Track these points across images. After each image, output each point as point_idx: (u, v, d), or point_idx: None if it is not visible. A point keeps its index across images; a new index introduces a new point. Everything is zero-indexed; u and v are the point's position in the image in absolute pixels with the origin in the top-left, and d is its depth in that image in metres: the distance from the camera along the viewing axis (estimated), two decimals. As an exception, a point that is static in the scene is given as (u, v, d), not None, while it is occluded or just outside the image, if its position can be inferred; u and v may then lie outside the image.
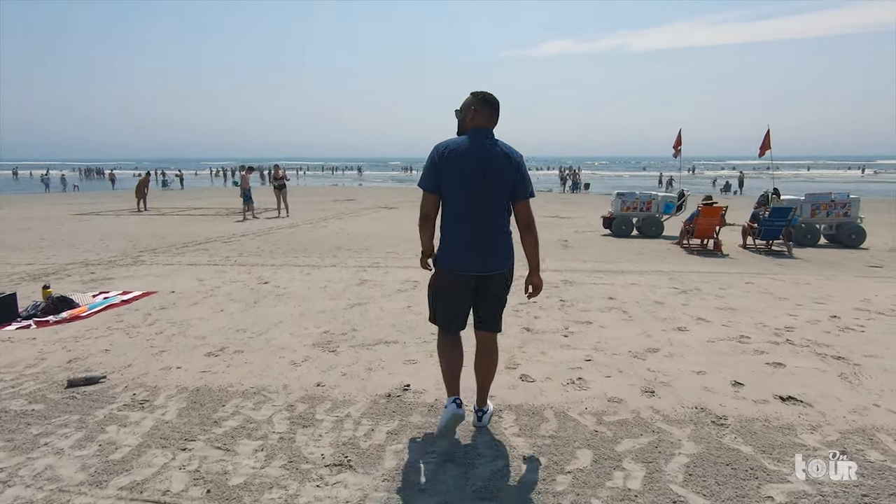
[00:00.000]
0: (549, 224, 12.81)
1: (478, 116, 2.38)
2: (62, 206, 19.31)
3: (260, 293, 5.60)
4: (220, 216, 14.99)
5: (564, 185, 34.96)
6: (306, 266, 7.21)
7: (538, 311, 4.88)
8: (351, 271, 6.84)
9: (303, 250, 8.68)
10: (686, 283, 6.10)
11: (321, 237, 10.35)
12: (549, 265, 7.26)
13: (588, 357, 3.62)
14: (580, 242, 9.72)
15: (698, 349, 3.79)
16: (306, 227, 12.12)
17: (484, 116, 2.38)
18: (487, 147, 2.33)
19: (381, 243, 9.46)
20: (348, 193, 27.08)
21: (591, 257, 8.07)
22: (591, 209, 18.24)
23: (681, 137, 11.51)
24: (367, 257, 7.96)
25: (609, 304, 5.11)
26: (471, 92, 2.44)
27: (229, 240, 9.99)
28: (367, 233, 11.10)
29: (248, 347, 3.84)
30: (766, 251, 8.75)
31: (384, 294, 5.55)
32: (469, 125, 2.39)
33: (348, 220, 13.90)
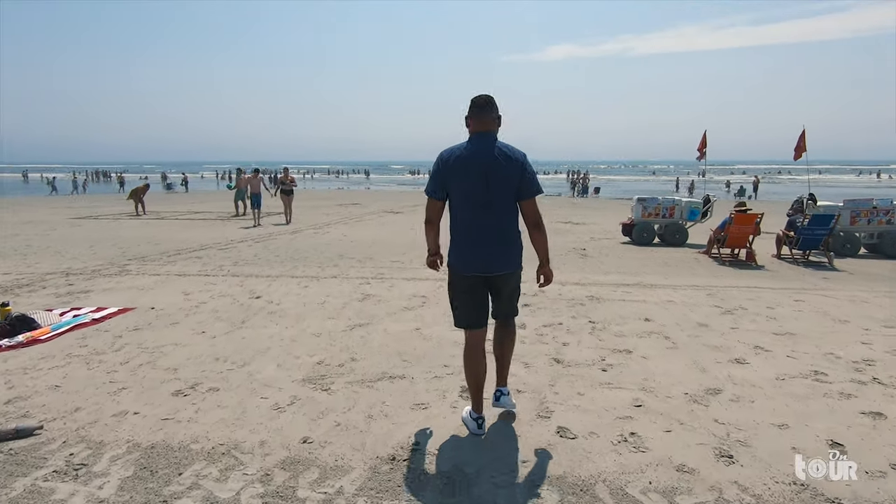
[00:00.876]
0: (562, 230, 12.14)
1: (473, 121, 2.44)
2: (62, 209, 18.87)
3: (250, 310, 4.99)
4: (221, 221, 14.44)
5: (574, 190, 34.18)
6: (304, 278, 6.59)
7: (566, 334, 4.23)
8: (353, 284, 6.22)
9: (302, 259, 8.08)
10: (728, 301, 5.42)
11: (323, 244, 9.74)
12: (570, 278, 6.61)
13: (637, 401, 2.97)
14: (599, 251, 9.05)
15: (769, 390, 3.12)
16: (308, 233, 11.53)
17: (478, 119, 2.42)
18: (488, 150, 2.37)
19: (386, 251, 8.84)
20: (354, 197, 26.53)
21: (614, 268, 7.41)
22: (603, 214, 17.56)
23: (706, 139, 10.82)
24: (371, 267, 7.34)
25: (647, 328, 4.44)
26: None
27: (226, 247, 9.41)
28: (372, 239, 10.49)
29: (225, 384, 3.22)
30: (803, 262, 8.04)
31: (389, 312, 4.92)
32: (472, 130, 2.45)
33: (352, 225, 13.30)
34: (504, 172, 2.35)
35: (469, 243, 2.43)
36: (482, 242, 2.41)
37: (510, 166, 2.36)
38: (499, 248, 2.43)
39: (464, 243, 2.44)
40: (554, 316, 4.82)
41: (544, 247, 2.52)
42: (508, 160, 2.37)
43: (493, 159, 2.35)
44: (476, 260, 2.43)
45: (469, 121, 2.46)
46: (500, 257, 2.44)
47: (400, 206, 20.27)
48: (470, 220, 2.41)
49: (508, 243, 2.46)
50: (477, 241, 2.41)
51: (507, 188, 2.38)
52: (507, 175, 2.36)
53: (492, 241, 2.41)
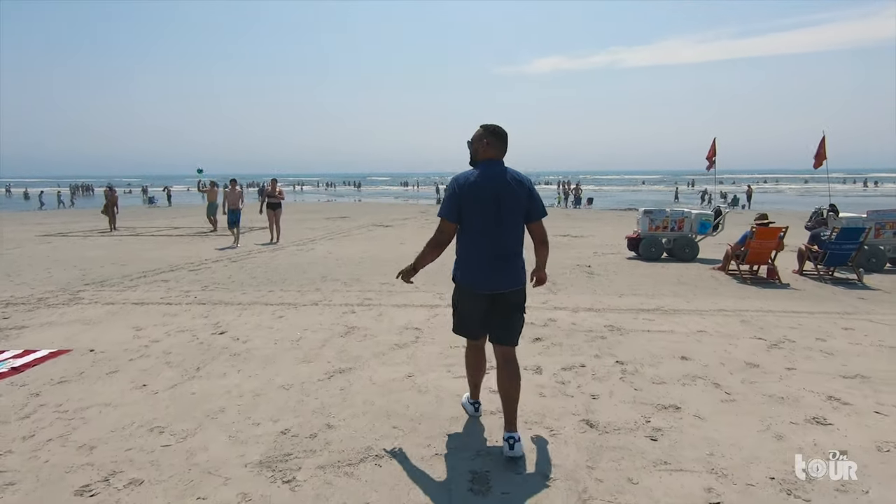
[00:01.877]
0: (562, 244, 11.43)
1: (489, 149, 2.54)
2: (34, 225, 17.87)
3: (210, 351, 4.17)
4: (199, 237, 13.55)
5: (567, 200, 33.64)
6: (281, 305, 5.78)
7: (592, 381, 3.47)
8: (335, 313, 5.41)
9: (281, 281, 7.26)
10: (769, 331, 4.70)
11: (306, 263, 8.92)
12: (580, 302, 5.87)
13: (711, 491, 2.20)
14: (606, 268, 8.34)
15: (874, 469, 2.37)
16: (291, 250, 10.71)
17: (495, 148, 2.55)
18: (500, 176, 2.50)
19: (374, 270, 8.05)
20: (343, 210, 25.72)
21: (627, 289, 6.68)
22: (601, 226, 16.94)
23: (715, 147, 10.21)
24: (358, 291, 6.54)
25: (687, 369, 3.69)
26: (481, 125, 2.59)
27: (198, 267, 8.56)
28: (360, 256, 9.69)
29: (153, 472, 2.40)
30: (829, 279, 7.39)
31: (376, 352, 4.12)
32: (482, 156, 2.55)
33: (339, 241, 12.49)
34: (515, 196, 2.49)
35: (479, 263, 2.52)
36: (491, 262, 2.51)
37: (521, 191, 2.50)
38: (506, 268, 2.53)
39: (474, 262, 2.53)
40: (573, 354, 4.06)
41: (546, 258, 2.72)
42: (520, 185, 2.51)
43: (505, 184, 2.48)
44: (485, 279, 2.52)
45: (482, 146, 2.55)
46: (508, 275, 2.54)
47: (390, 219, 19.51)
48: (480, 241, 2.50)
49: (515, 262, 2.57)
50: (487, 260, 2.51)
51: (517, 211, 2.51)
52: (518, 199, 2.50)
53: (500, 260, 2.51)
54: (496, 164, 2.54)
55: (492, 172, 2.50)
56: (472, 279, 2.54)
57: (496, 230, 2.48)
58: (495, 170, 2.52)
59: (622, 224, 17.46)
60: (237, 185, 12.38)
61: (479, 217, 2.47)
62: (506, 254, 2.51)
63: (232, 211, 11.86)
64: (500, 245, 2.50)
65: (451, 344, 4.23)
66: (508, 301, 2.57)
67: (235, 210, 11.86)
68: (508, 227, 2.50)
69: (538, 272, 2.72)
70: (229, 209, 11.92)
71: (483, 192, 2.46)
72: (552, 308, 5.60)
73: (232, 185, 12.32)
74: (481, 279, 2.52)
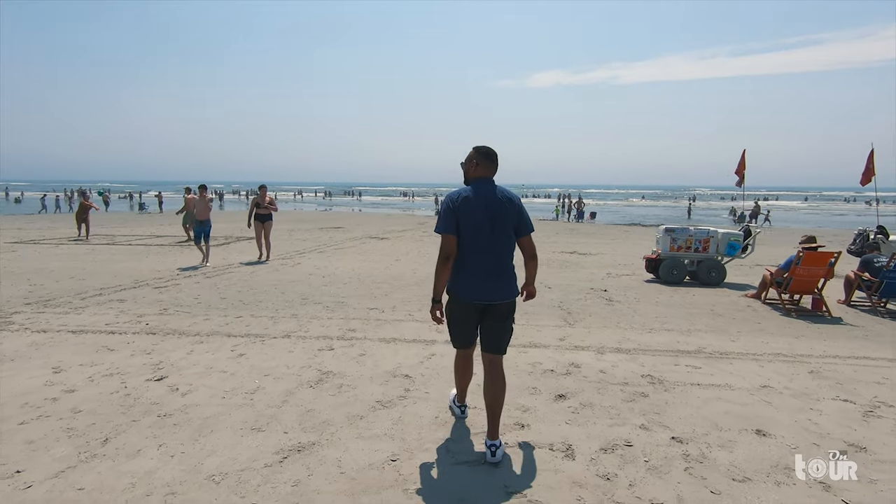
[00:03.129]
0: (570, 263, 10.47)
1: (479, 168, 2.73)
2: (12, 230, 16.85)
3: (133, 410, 3.17)
4: (181, 247, 12.56)
5: (569, 215, 32.69)
6: (246, 338, 4.79)
7: (645, 472, 2.48)
8: (309, 349, 4.43)
9: (255, 303, 6.28)
10: (851, 388, 3.73)
11: (287, 281, 7.94)
12: (605, 339, 4.90)
13: None
14: (625, 293, 7.37)
15: None
16: (274, 265, 9.73)
17: (484, 168, 2.73)
18: (492, 194, 2.66)
19: (362, 292, 7.08)
20: (338, 220, 24.77)
21: (655, 321, 5.72)
22: (608, 242, 16.00)
23: (745, 160, 9.30)
24: (340, 319, 5.56)
25: (771, 454, 2.71)
26: (473, 146, 2.79)
27: (166, 283, 7.57)
28: (348, 274, 8.72)
29: None
30: (883, 311, 6.43)
31: (352, 415, 3.14)
32: (473, 175, 2.74)
33: (330, 254, 11.51)
34: (506, 213, 2.65)
35: (472, 275, 2.64)
36: (484, 275, 2.64)
37: (510, 208, 2.67)
38: (499, 280, 2.67)
39: (467, 275, 2.65)
40: (611, 421, 3.08)
41: (535, 272, 2.82)
42: (509, 202, 2.68)
43: (496, 201, 2.65)
44: (478, 291, 2.65)
45: (472, 166, 2.73)
46: (500, 288, 2.67)
47: (386, 230, 18.56)
48: (473, 255, 2.63)
49: (506, 275, 2.69)
50: (480, 273, 2.64)
51: (508, 226, 2.67)
52: (509, 215, 2.66)
53: (493, 273, 2.65)
54: (487, 182, 2.70)
55: (483, 190, 2.66)
56: (465, 291, 2.66)
57: (488, 245, 2.62)
58: (487, 188, 2.67)
59: (630, 240, 16.54)
60: (206, 192, 10.05)
61: (472, 232, 2.61)
62: (497, 267, 2.66)
63: (199, 223, 9.64)
64: (492, 259, 2.64)
65: (449, 401, 3.26)
66: (499, 312, 2.70)
67: (204, 221, 9.65)
68: (500, 242, 2.65)
69: (528, 286, 2.85)
70: (196, 220, 9.73)
71: (475, 209, 2.61)
72: (573, 348, 4.63)
73: (201, 191, 10.01)
74: (474, 291, 2.65)
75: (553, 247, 13.89)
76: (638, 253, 12.76)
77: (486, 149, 2.74)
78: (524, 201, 3.08)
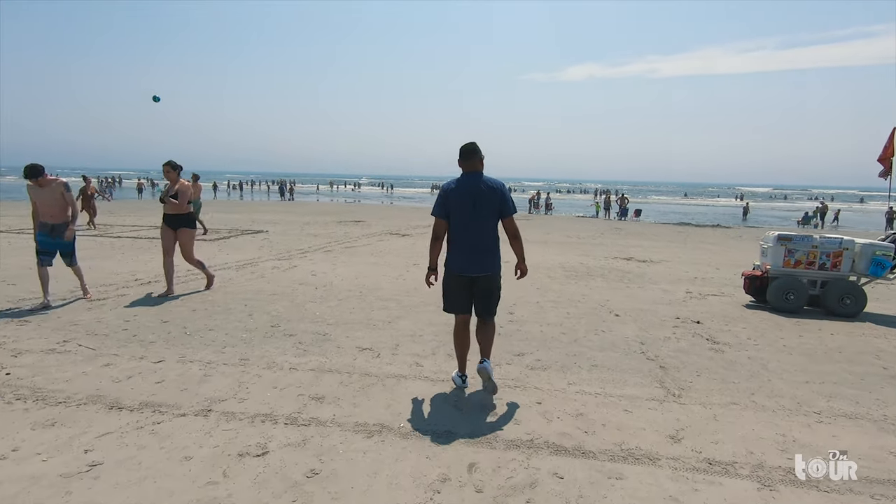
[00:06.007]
0: (633, 274, 8.21)
1: (463, 163, 3.27)
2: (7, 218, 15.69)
3: None
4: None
5: (609, 212, 29.96)
6: (136, 412, 2.88)
7: None
8: (220, 456, 2.46)
9: (200, 333, 4.40)
10: None
11: (268, 293, 6.06)
12: (750, 435, 2.75)
13: None
14: (729, 330, 5.14)
15: None
16: (266, 266, 7.91)
17: (466, 162, 3.26)
18: (475, 184, 3.21)
19: (358, 316, 5.12)
20: (360, 213, 23.01)
21: (810, 391, 3.52)
22: (667, 244, 13.58)
23: (894, 142, 6.84)
24: (309, 370, 3.60)
25: None
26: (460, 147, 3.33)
27: (103, 296, 5.81)
28: (349, 284, 6.78)
29: None
30: None
31: None
32: (463, 169, 3.28)
33: (337, 255, 9.61)
34: (487, 199, 3.18)
35: (462, 251, 3.23)
36: (471, 251, 3.21)
37: (492, 194, 3.20)
38: (483, 255, 3.23)
39: (458, 251, 3.23)
40: None
41: (521, 251, 3.31)
42: (491, 190, 3.20)
43: (479, 190, 3.19)
44: (466, 264, 3.22)
45: (459, 163, 3.28)
46: (485, 262, 3.23)
47: (409, 225, 16.62)
48: (462, 235, 3.21)
49: (490, 252, 3.25)
50: (467, 249, 3.21)
51: (491, 210, 3.20)
52: (490, 201, 3.19)
53: (478, 250, 3.21)
54: (473, 175, 3.25)
55: (468, 181, 3.22)
56: (454, 265, 3.25)
57: (472, 225, 3.18)
58: (471, 179, 3.22)
59: (690, 244, 14.08)
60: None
61: (458, 215, 3.19)
62: (480, 245, 3.21)
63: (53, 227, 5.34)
64: (475, 238, 3.20)
65: None
66: (485, 283, 3.27)
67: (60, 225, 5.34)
68: (484, 224, 3.19)
69: (520, 265, 3.34)
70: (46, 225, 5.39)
71: (461, 196, 3.18)
72: (704, 465, 2.51)
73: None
74: (462, 264, 3.22)
75: (603, 250, 11.62)
76: (709, 261, 10.39)
77: (466, 146, 3.27)
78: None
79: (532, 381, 3.57)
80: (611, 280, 7.74)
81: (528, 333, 4.75)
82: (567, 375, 3.71)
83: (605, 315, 5.55)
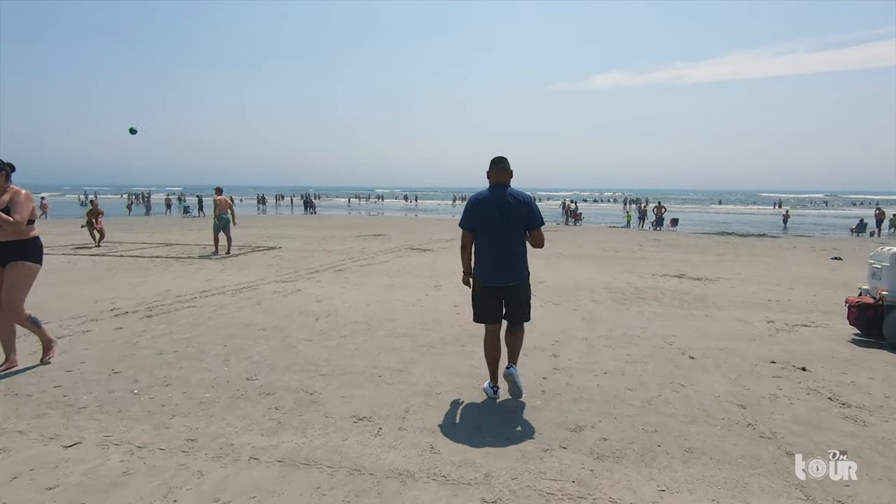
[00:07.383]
0: (694, 298, 6.90)
1: (492, 175, 3.33)
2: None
3: None
4: (180, 261, 10.10)
5: (642, 222, 28.33)
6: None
7: None
8: None
9: (152, 390, 3.37)
10: None
11: (257, 327, 5.03)
12: None
13: None
14: (847, 380, 3.85)
15: None
16: (266, 290, 6.94)
17: (496, 174, 3.31)
18: (502, 196, 3.25)
19: (363, 360, 4.02)
20: (382, 226, 22.10)
21: None
22: (718, 258, 12.11)
23: None
24: (285, 453, 2.49)
25: None
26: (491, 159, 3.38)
27: (71, 331, 4.88)
28: (358, 313, 5.71)
29: None
30: None
31: None
32: (490, 181, 3.33)
33: (349, 274, 8.59)
34: (514, 211, 3.22)
35: (489, 262, 3.25)
36: (498, 261, 3.23)
37: (519, 206, 3.24)
38: (510, 265, 3.25)
39: (486, 262, 3.26)
40: None
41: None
42: (518, 202, 3.24)
43: (506, 202, 3.23)
44: (494, 274, 3.25)
45: (488, 174, 3.33)
46: (512, 271, 3.25)
47: (431, 239, 15.55)
48: (489, 246, 3.24)
49: (517, 262, 3.27)
50: (494, 260, 3.24)
51: (518, 222, 3.23)
52: (517, 213, 3.22)
53: (505, 260, 3.23)
54: (501, 186, 3.28)
55: (495, 193, 3.26)
56: (482, 275, 3.27)
57: (499, 237, 3.21)
58: (499, 191, 3.26)
59: (744, 256, 12.58)
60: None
61: (485, 227, 3.24)
62: (508, 255, 3.23)
63: None
64: (502, 249, 3.22)
65: None
66: (514, 292, 3.29)
67: None
68: (510, 235, 3.22)
69: None
70: None
71: (489, 208, 3.23)
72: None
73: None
74: (490, 275, 3.25)
75: (647, 265, 10.28)
76: (773, 278, 8.97)
77: (494, 158, 3.34)
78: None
79: (604, 487, 2.38)
80: (668, 305, 6.47)
81: (581, 391, 3.56)
82: (653, 472, 2.50)
83: (677, 357, 4.31)
